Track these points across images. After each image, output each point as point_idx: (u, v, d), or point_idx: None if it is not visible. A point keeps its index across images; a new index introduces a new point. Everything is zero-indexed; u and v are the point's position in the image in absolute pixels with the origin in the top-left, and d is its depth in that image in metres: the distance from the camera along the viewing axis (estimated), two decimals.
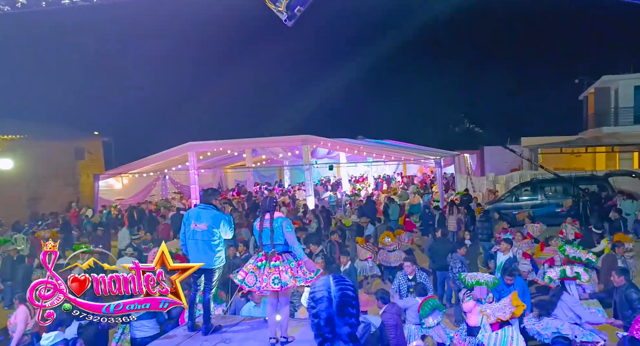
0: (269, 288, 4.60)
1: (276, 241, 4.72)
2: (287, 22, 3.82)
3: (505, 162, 26.26)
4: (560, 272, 6.22)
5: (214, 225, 4.96)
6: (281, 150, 24.53)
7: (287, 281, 4.59)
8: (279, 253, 4.72)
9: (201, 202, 5.25)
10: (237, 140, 21.22)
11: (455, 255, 8.06)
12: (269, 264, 4.66)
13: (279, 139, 20.91)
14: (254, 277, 4.68)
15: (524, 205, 15.43)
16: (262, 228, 4.80)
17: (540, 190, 15.75)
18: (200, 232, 4.95)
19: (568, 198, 14.93)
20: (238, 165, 27.45)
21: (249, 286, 4.74)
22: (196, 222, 4.99)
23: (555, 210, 14.86)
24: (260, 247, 4.80)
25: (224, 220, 5.07)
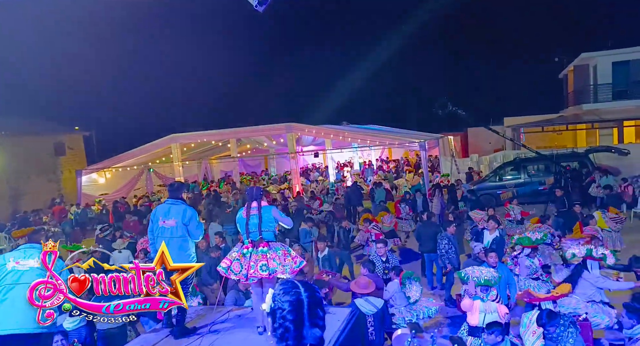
0: (257, 275, 4.55)
1: (264, 228, 4.70)
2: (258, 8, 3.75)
3: (489, 142, 26.55)
4: (586, 251, 6.21)
5: (183, 220, 4.75)
6: (266, 139, 24.40)
7: (276, 268, 4.56)
8: (267, 241, 4.70)
9: (169, 197, 5.02)
10: (221, 130, 21.03)
11: (444, 233, 8.21)
12: (256, 251, 4.62)
13: (263, 128, 20.77)
14: (240, 265, 4.63)
15: (508, 185, 15.64)
16: (249, 215, 4.75)
17: (523, 169, 15.95)
18: (170, 229, 4.74)
19: (550, 176, 15.17)
20: (223, 156, 27.26)
21: (235, 274, 4.67)
22: (164, 218, 4.77)
23: (538, 188, 15.10)
24: (247, 235, 4.74)
25: (194, 216, 4.86)
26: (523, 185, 15.35)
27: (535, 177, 15.59)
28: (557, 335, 4.64)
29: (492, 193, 15.25)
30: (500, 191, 15.50)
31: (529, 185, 15.27)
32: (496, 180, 16.02)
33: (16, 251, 4.08)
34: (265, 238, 4.71)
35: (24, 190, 20.39)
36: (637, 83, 21.95)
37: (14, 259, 3.90)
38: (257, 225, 4.69)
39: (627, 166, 16.38)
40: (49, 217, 16.99)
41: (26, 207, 19.19)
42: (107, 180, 21.80)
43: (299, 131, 20.14)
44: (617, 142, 21.54)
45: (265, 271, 4.52)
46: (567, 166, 14.79)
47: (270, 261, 4.57)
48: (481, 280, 5.34)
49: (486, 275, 5.40)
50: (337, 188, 19.08)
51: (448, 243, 7.99)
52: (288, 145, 19.84)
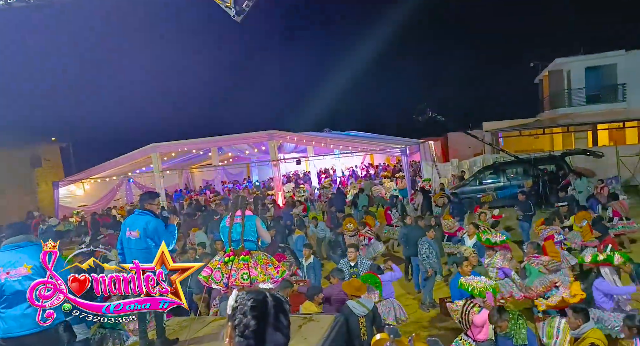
0: (238, 284, 4.51)
1: (247, 237, 4.71)
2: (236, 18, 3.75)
3: (468, 147, 26.95)
4: (592, 257, 5.96)
5: (146, 233, 4.61)
6: (247, 147, 24.31)
7: (257, 277, 4.53)
8: (249, 250, 4.70)
9: (138, 208, 4.90)
10: (202, 139, 20.88)
11: (424, 238, 8.25)
12: (237, 259, 4.61)
13: (244, 136, 20.68)
14: (221, 273, 4.60)
15: (488, 188, 15.89)
16: (233, 224, 4.77)
17: (502, 172, 16.23)
18: (134, 240, 4.60)
19: (529, 179, 15.46)
20: (204, 165, 27.04)
21: (216, 283, 4.65)
22: (130, 230, 4.65)
23: (517, 191, 15.35)
24: (229, 243, 4.74)
25: (159, 227, 4.67)
26: (503, 189, 15.61)
27: (515, 180, 15.86)
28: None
29: (472, 197, 15.45)
30: (480, 195, 15.73)
31: (508, 189, 15.52)
32: (476, 184, 16.25)
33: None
34: (247, 247, 4.71)
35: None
36: (609, 87, 22.62)
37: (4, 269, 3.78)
38: (240, 234, 4.70)
39: (602, 168, 16.83)
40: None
41: (1, 221, 18.66)
42: (86, 192, 21.40)
43: (280, 138, 20.12)
44: (592, 145, 22.12)
45: (247, 280, 4.49)
46: (545, 169, 15.11)
47: (251, 270, 4.54)
48: (476, 291, 5.25)
49: (481, 285, 5.29)
50: (320, 194, 19.11)
51: (429, 248, 8.04)
52: (270, 152, 19.80)
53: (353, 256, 7.17)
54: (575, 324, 4.59)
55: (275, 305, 1.51)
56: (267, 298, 1.52)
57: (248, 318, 1.47)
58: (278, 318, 1.50)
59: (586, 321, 4.55)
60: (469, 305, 5.24)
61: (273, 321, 1.48)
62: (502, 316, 4.76)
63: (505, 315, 4.78)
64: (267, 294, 1.54)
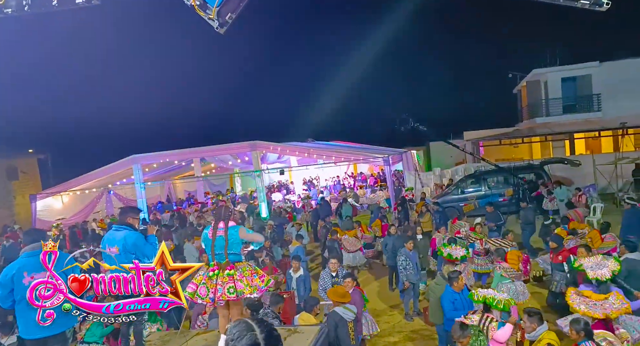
0: (225, 298, 4.42)
1: (230, 251, 4.58)
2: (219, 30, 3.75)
3: (450, 156, 27.31)
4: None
5: (126, 247, 4.55)
6: (230, 158, 24.17)
7: (243, 290, 4.44)
8: (233, 263, 4.59)
9: (117, 223, 4.84)
10: (184, 149, 20.68)
11: (402, 249, 8.23)
12: (222, 273, 4.50)
13: (227, 147, 20.57)
14: (206, 288, 4.48)
15: (469, 197, 16.08)
16: (216, 237, 4.63)
17: (484, 181, 16.46)
18: (115, 256, 4.42)
19: (509, 187, 15.71)
20: (187, 175, 26.76)
21: (201, 298, 4.51)
22: (109, 246, 4.57)
23: (498, 199, 15.59)
24: (212, 257, 4.62)
25: (138, 241, 4.62)
26: (484, 197, 15.81)
27: (495, 189, 16.10)
28: None
29: (454, 206, 15.62)
30: (462, 203, 15.91)
31: (489, 197, 15.74)
32: (458, 193, 16.43)
33: None
34: (232, 261, 4.60)
35: None
36: (584, 97, 23.23)
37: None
38: (224, 247, 4.57)
39: (579, 176, 17.21)
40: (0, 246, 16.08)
41: None
42: (65, 204, 20.93)
43: (263, 149, 20.07)
44: (569, 154, 22.63)
45: (233, 294, 4.40)
46: (524, 178, 15.38)
47: (237, 283, 4.45)
48: (500, 305, 5.18)
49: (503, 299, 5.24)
50: (304, 204, 19.07)
51: (406, 260, 8.01)
52: (253, 163, 19.72)
53: (335, 266, 7.20)
54: (531, 328, 4.69)
55: (265, 338, 1.51)
56: (257, 339, 1.51)
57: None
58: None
59: (540, 324, 4.68)
60: (486, 320, 5.04)
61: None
62: (464, 332, 4.78)
63: (467, 331, 4.81)
64: (256, 333, 1.52)
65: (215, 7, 3.67)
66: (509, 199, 15.41)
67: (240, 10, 3.75)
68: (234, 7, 3.75)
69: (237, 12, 3.75)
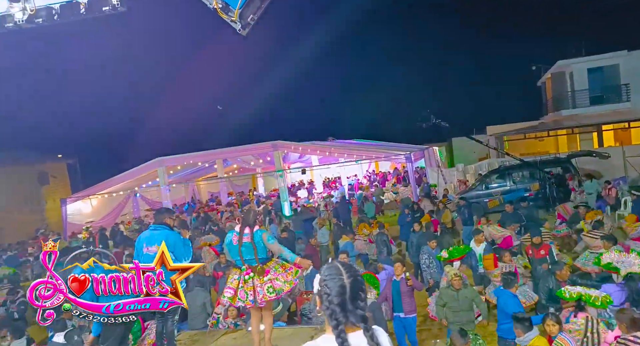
0: (266, 299, 4.52)
1: (260, 255, 4.62)
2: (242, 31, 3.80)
3: (473, 151, 26.90)
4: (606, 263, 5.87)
5: (167, 247, 4.57)
6: (252, 158, 24.39)
7: (282, 288, 4.56)
8: (264, 265, 4.64)
9: (153, 223, 4.95)
10: (207, 151, 20.98)
11: (425, 248, 8.14)
12: (257, 276, 4.57)
13: (249, 147, 20.76)
14: (244, 292, 4.55)
15: (494, 193, 15.81)
16: (242, 243, 4.64)
17: (508, 176, 16.16)
18: (154, 256, 4.49)
19: (535, 182, 15.39)
20: (210, 177, 27.12)
21: (242, 302, 4.58)
22: (148, 245, 4.65)
23: (524, 194, 15.28)
24: (242, 261, 4.65)
25: (179, 241, 4.73)
26: (509, 192, 15.53)
27: (521, 184, 15.79)
28: None
29: (479, 202, 15.39)
30: (487, 199, 15.66)
31: (514, 192, 15.45)
32: (482, 189, 16.18)
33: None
34: (262, 261, 4.64)
35: (6, 222, 19.97)
36: (612, 88, 22.57)
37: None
38: (253, 253, 4.60)
39: (609, 169, 16.72)
40: (34, 248, 16.63)
41: (9, 239, 18.76)
42: (93, 208, 21.49)
43: (285, 149, 20.18)
44: (598, 146, 22.01)
45: (273, 293, 4.52)
46: (551, 172, 15.04)
47: (274, 282, 4.55)
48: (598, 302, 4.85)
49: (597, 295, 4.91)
50: (326, 204, 19.09)
51: (429, 258, 7.91)
52: (275, 163, 19.85)
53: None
54: (520, 333, 4.67)
55: (351, 288, 1.77)
56: (344, 283, 1.78)
57: (332, 305, 1.75)
58: (355, 298, 1.76)
59: (529, 330, 4.62)
60: (593, 322, 4.60)
61: (352, 303, 1.75)
62: (465, 339, 4.76)
63: (467, 337, 4.79)
64: (344, 277, 1.79)
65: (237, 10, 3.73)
66: (535, 194, 15.09)
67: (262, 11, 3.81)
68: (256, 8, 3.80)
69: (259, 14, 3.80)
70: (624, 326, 4.18)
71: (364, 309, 1.78)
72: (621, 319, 4.25)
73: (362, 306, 1.77)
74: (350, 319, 1.74)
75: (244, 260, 4.63)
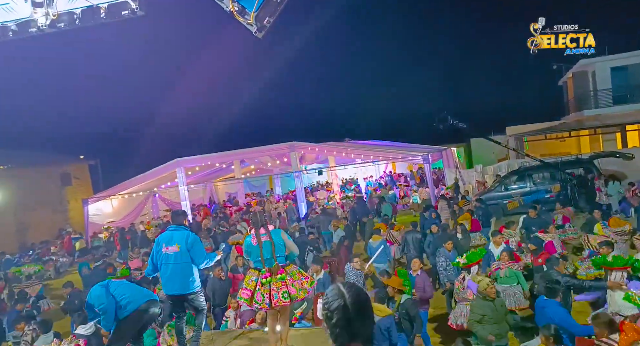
0: (281, 304, 4.55)
1: (278, 254, 4.68)
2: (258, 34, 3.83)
3: (492, 152, 26.53)
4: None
5: (186, 246, 4.75)
6: (269, 159, 24.51)
7: (297, 295, 4.61)
8: (282, 266, 4.69)
9: (172, 224, 5.05)
10: (225, 152, 21.15)
11: (441, 250, 8.05)
12: (275, 279, 4.60)
13: (266, 148, 20.87)
14: (261, 295, 4.59)
15: (514, 194, 15.55)
16: (262, 242, 4.70)
17: (529, 177, 15.87)
18: (173, 255, 4.72)
19: (556, 183, 15.09)
20: (228, 177, 27.34)
21: (258, 304, 4.62)
22: (167, 245, 4.76)
23: (545, 196, 15.01)
24: (263, 263, 4.68)
25: (197, 241, 4.85)
26: (529, 194, 15.26)
27: (541, 185, 15.50)
28: None
29: (498, 203, 15.17)
30: (506, 201, 15.42)
31: (535, 193, 15.18)
32: (502, 190, 15.94)
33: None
34: (281, 263, 4.69)
35: (30, 222, 20.48)
36: (637, 87, 21.99)
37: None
38: (271, 252, 4.65)
39: (633, 170, 16.29)
40: (57, 247, 17.03)
41: (33, 239, 19.25)
42: (114, 208, 21.88)
43: (302, 149, 20.23)
44: (621, 147, 21.47)
45: (287, 299, 4.55)
46: (573, 173, 14.73)
47: (290, 288, 4.58)
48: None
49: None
50: (342, 204, 19.06)
51: (445, 261, 7.81)
52: (292, 164, 19.91)
53: (358, 265, 7.39)
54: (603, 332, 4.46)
55: (354, 308, 1.73)
56: (347, 303, 1.74)
57: (337, 328, 1.72)
58: (360, 316, 1.74)
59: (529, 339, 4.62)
60: None
61: (357, 321, 1.73)
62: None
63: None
64: (345, 298, 1.75)
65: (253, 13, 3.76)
66: (556, 195, 14.80)
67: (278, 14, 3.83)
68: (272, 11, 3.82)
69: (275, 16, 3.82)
70: (600, 329, 4.23)
71: (369, 327, 1.75)
72: (597, 323, 4.28)
73: (366, 325, 1.74)
74: (353, 340, 1.71)
75: (264, 260, 4.66)
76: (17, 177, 20.21)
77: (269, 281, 4.59)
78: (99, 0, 3.96)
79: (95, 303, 4.49)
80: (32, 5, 3.99)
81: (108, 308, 4.43)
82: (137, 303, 4.58)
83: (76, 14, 4.09)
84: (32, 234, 19.95)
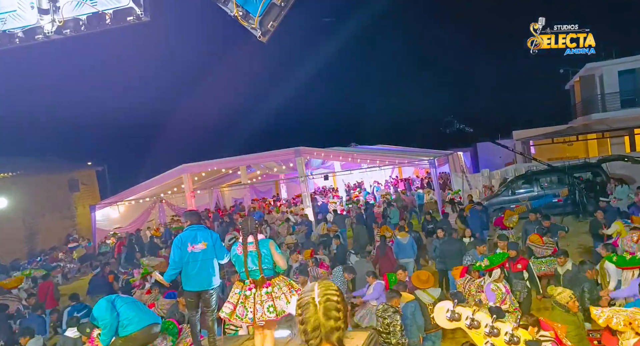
0: (265, 319, 4.22)
1: (264, 266, 4.37)
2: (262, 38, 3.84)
3: (499, 156, 26.40)
4: None
5: (213, 242, 4.89)
6: (275, 164, 24.54)
7: (284, 308, 4.24)
8: (268, 278, 4.37)
9: (192, 223, 5.06)
10: (231, 158, 21.21)
11: (472, 251, 8.03)
12: (259, 291, 4.31)
13: (272, 153, 20.90)
14: (244, 308, 4.29)
15: (521, 198, 15.43)
16: (247, 252, 4.41)
17: (536, 181, 15.76)
18: (201, 252, 4.80)
19: (564, 188, 14.96)
20: (234, 183, 27.41)
21: (240, 319, 4.32)
22: (193, 244, 4.80)
23: (553, 200, 14.89)
24: (247, 274, 4.39)
25: (219, 239, 5.01)
26: (537, 198, 15.14)
27: (549, 189, 15.38)
28: None
29: (506, 208, 15.05)
30: (513, 205, 15.30)
31: (542, 198, 15.06)
32: (509, 194, 15.83)
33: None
34: (267, 276, 4.38)
35: (39, 228, 20.61)
36: None
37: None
38: (257, 262, 4.35)
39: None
40: (65, 253, 17.10)
41: (41, 245, 19.36)
42: (121, 214, 21.98)
43: (307, 155, 20.23)
44: (630, 150, 21.27)
45: (273, 313, 4.20)
46: (581, 177, 14.60)
47: (276, 301, 4.25)
48: None
49: None
50: (349, 210, 19.01)
51: (471, 260, 7.74)
52: (298, 169, 19.92)
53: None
54: None
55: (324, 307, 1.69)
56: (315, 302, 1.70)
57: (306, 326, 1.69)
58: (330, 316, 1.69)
59: None
60: None
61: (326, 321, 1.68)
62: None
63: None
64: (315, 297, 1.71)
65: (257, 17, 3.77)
66: (564, 199, 14.68)
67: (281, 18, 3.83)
68: (276, 15, 3.84)
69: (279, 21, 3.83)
70: (533, 328, 4.37)
71: (339, 329, 1.69)
72: (529, 321, 4.43)
73: (336, 327, 1.68)
74: (322, 342, 1.67)
75: (248, 272, 4.37)
76: (25, 183, 20.36)
77: (253, 293, 4.31)
78: (104, 7, 3.99)
79: (99, 317, 4.56)
80: (39, 12, 4.03)
81: (110, 324, 4.49)
82: (138, 325, 4.60)
83: (82, 20, 4.12)
84: (40, 240, 20.07)
